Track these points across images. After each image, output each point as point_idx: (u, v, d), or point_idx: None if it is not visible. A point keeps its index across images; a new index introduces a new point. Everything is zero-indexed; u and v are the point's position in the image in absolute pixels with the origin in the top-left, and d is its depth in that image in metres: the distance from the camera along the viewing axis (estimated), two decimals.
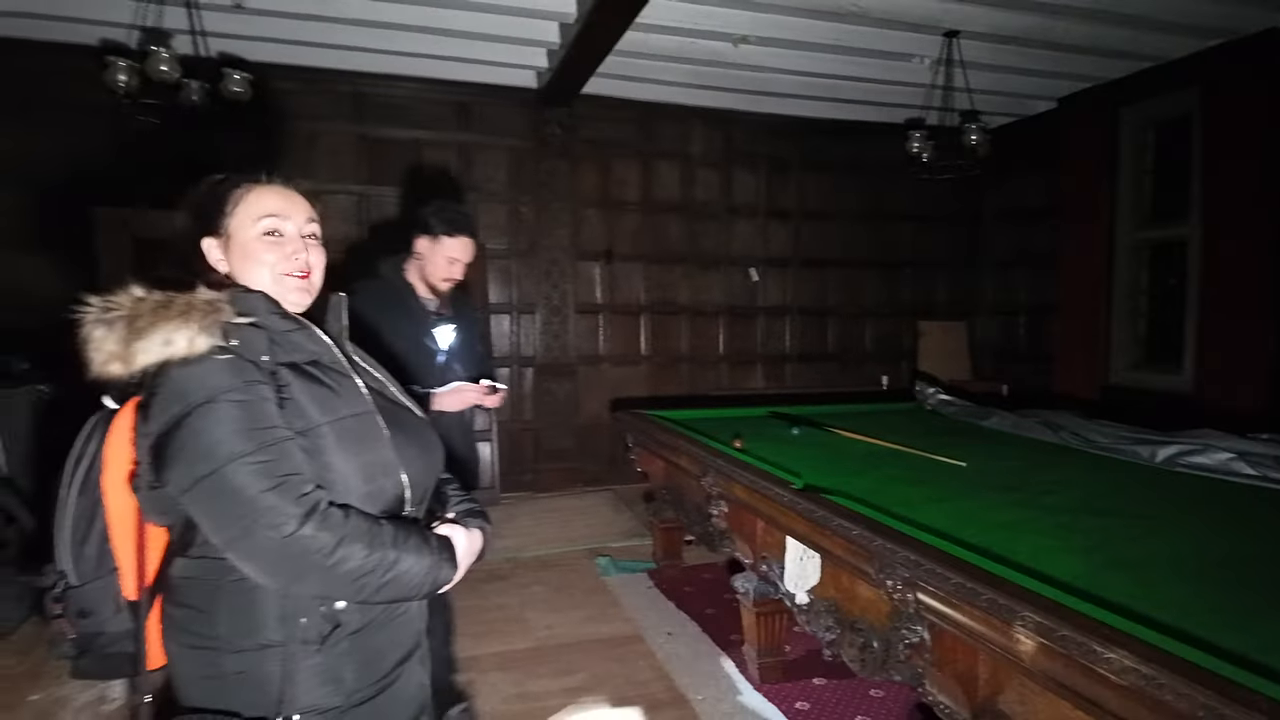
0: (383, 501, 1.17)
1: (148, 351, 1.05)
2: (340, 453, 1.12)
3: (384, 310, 2.21)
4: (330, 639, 1.11)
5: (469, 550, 1.24)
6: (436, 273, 2.39)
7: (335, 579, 1.06)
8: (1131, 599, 1.51)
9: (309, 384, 1.13)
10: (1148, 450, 2.90)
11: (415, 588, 1.14)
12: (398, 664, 1.22)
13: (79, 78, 3.86)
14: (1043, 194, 6.17)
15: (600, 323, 5.87)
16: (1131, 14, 4.36)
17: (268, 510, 1.01)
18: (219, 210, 1.20)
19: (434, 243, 2.35)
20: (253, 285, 1.19)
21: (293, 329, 1.16)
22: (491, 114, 5.48)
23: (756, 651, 2.83)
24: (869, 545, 1.82)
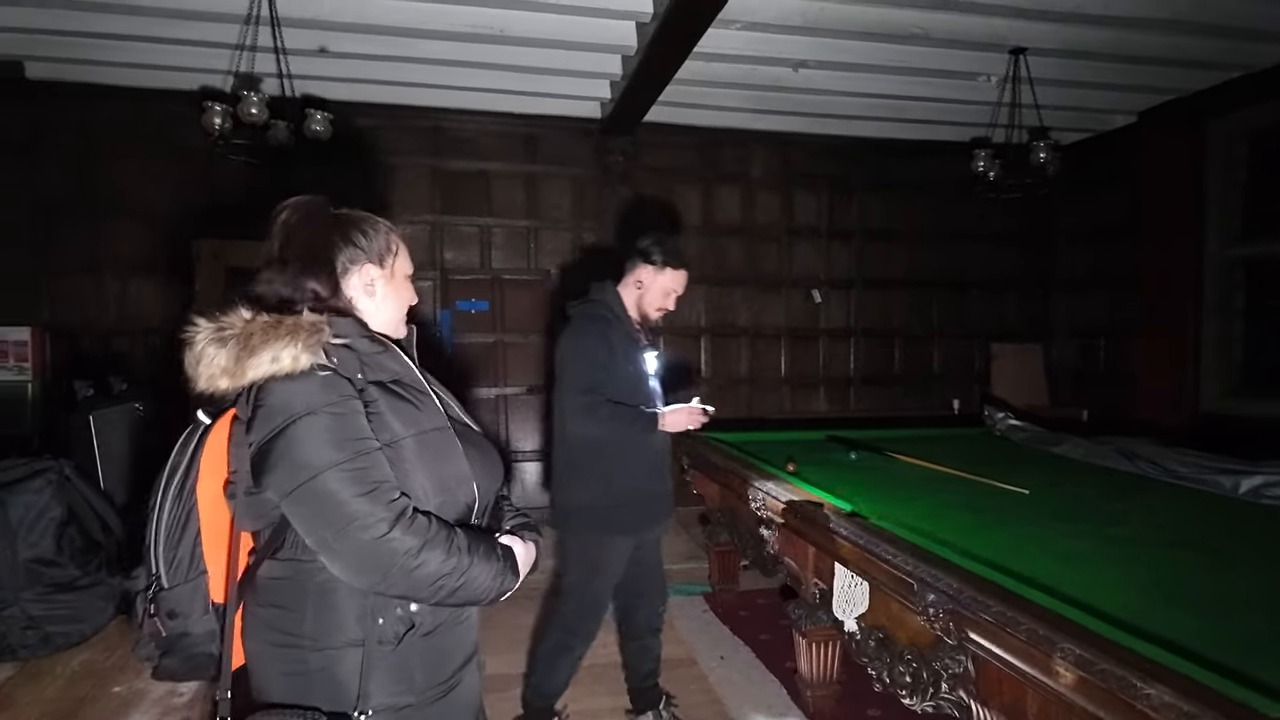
0: (454, 511, 1.26)
1: (257, 367, 1.14)
2: (419, 463, 1.21)
3: (610, 332, 2.37)
4: (405, 639, 1.20)
5: (526, 560, 1.32)
6: (654, 302, 2.44)
7: (417, 581, 1.14)
8: (1186, 635, 1.44)
9: (394, 400, 1.23)
10: (1230, 481, 2.74)
11: (484, 593, 1.21)
12: (460, 667, 1.30)
13: (183, 121, 4.22)
14: (1122, 211, 5.91)
15: (659, 345, 5.91)
16: (1213, 23, 4.18)
17: (360, 514, 1.11)
18: (387, 247, 1.34)
19: (657, 273, 2.40)
20: (385, 314, 1.33)
21: (379, 351, 1.27)
22: (557, 144, 5.66)
23: (809, 680, 2.79)
24: (912, 572, 1.80)
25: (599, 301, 2.43)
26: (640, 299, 2.44)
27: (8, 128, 4.79)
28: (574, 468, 2.43)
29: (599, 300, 2.43)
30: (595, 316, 2.39)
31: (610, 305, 2.42)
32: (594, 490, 2.39)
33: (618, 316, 2.42)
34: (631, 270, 2.43)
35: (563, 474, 2.47)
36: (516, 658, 3.23)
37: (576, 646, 2.51)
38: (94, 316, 4.96)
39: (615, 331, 2.38)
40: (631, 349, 2.43)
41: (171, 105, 4.73)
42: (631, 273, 2.43)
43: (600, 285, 2.48)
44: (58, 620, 3.19)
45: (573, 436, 2.38)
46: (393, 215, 5.35)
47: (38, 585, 3.16)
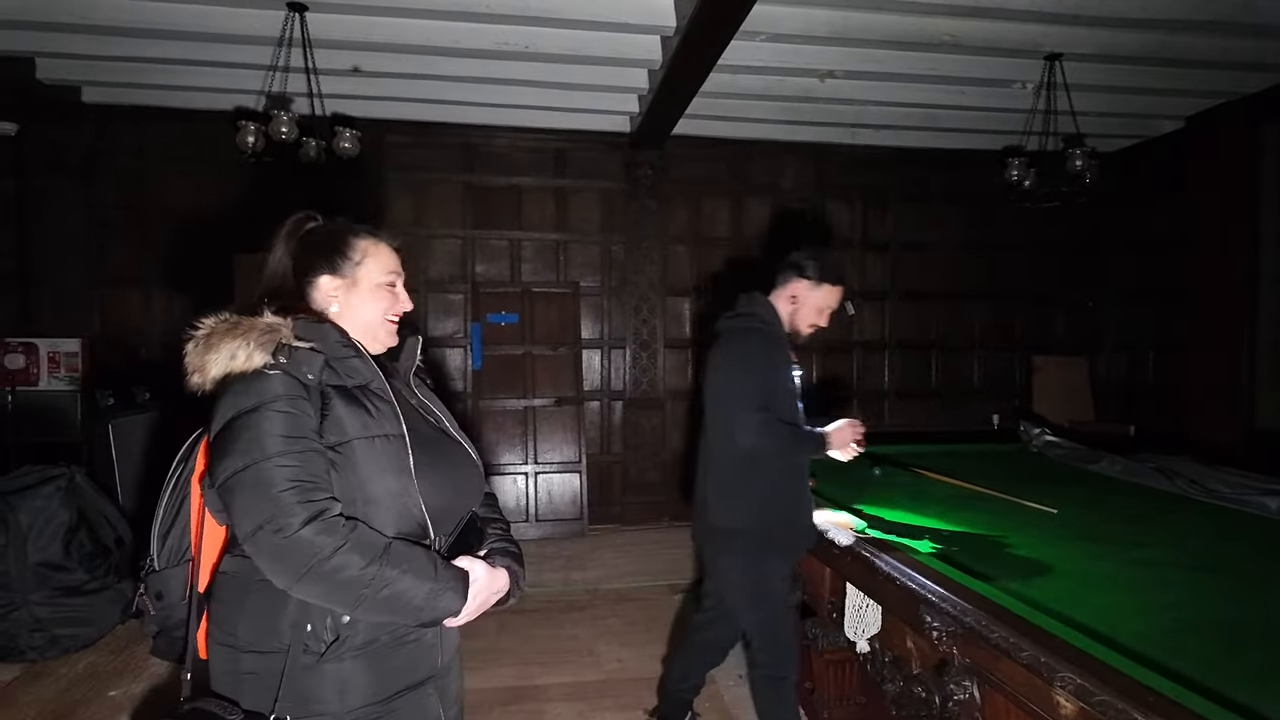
0: (407, 523, 1.25)
1: (216, 364, 1.21)
2: (369, 467, 1.22)
3: (772, 349, 2.27)
4: (333, 650, 1.19)
5: (487, 587, 1.28)
6: (807, 318, 2.33)
7: (333, 586, 1.14)
8: (1196, 665, 1.36)
9: (351, 405, 1.25)
10: (1276, 502, 2.59)
11: (415, 611, 1.19)
12: (406, 689, 1.27)
13: (224, 141, 4.35)
14: (1171, 220, 5.69)
15: (689, 357, 5.91)
16: (1262, 24, 4.00)
17: (278, 508, 1.12)
18: (344, 255, 1.35)
19: (813, 288, 2.29)
20: (360, 322, 1.35)
21: (350, 355, 1.30)
22: (586, 159, 5.71)
23: (826, 699, 2.72)
24: (918, 593, 1.74)
25: (754, 315, 2.31)
26: (794, 315, 2.32)
27: (66, 149, 5.04)
28: (726, 489, 2.29)
29: (755, 314, 2.31)
30: (753, 330, 2.27)
31: (766, 319, 2.30)
32: (748, 513, 2.25)
33: (775, 332, 2.30)
34: (785, 284, 2.32)
35: (713, 496, 2.31)
36: (564, 669, 3.27)
37: (789, 676, 2.35)
38: (140, 328, 5.17)
39: (776, 348, 2.28)
40: (786, 367, 2.32)
41: (214, 125, 4.91)
42: (785, 286, 2.32)
43: (750, 297, 2.35)
44: (65, 623, 3.28)
45: (729, 456, 2.25)
46: (426, 229, 5.53)
47: (45, 589, 3.25)
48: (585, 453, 5.58)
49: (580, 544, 5.22)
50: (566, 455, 5.51)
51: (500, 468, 5.43)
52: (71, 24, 3.99)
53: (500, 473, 5.43)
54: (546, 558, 4.90)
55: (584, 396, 5.66)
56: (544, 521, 5.40)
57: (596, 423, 5.78)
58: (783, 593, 2.39)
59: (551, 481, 5.47)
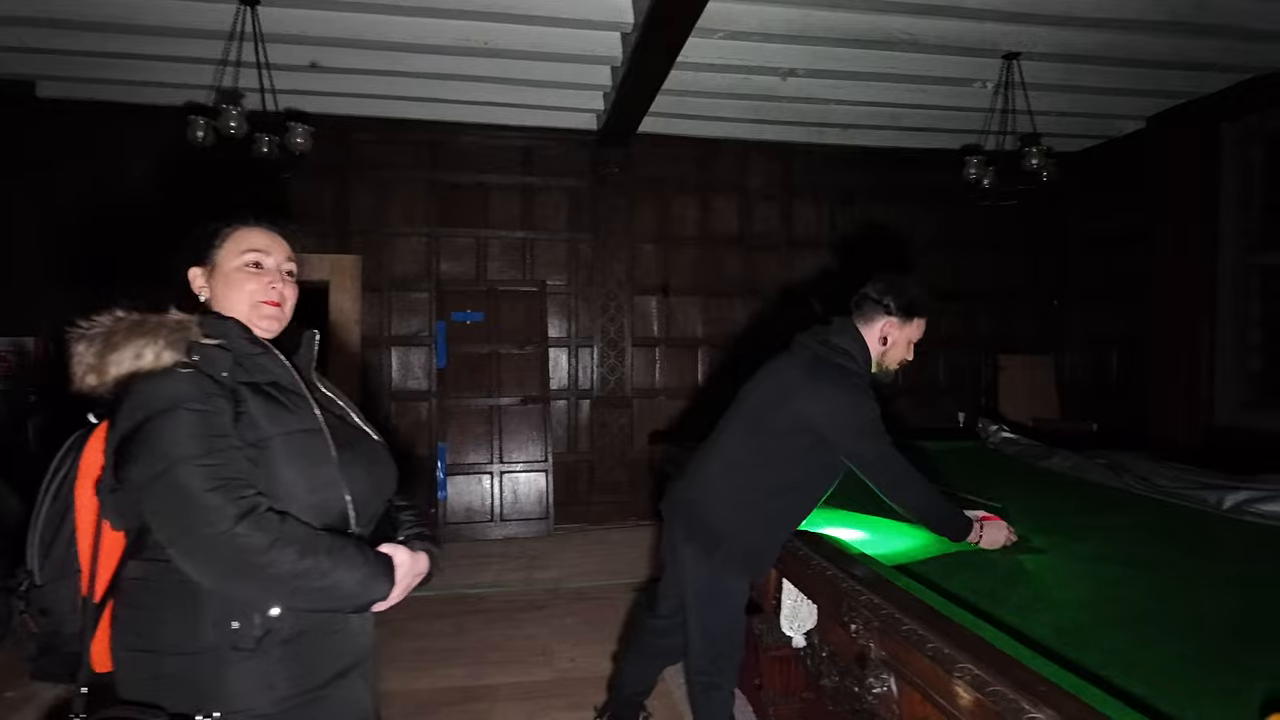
0: (329, 516, 1.25)
1: (120, 364, 1.17)
2: (289, 464, 1.21)
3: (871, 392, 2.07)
4: (263, 644, 1.17)
5: (410, 570, 1.30)
6: (897, 356, 2.17)
7: (268, 581, 1.13)
8: (1108, 658, 1.36)
9: (265, 401, 1.23)
10: (1215, 496, 2.61)
11: (348, 598, 1.20)
12: (335, 677, 1.26)
13: (178, 136, 4.29)
14: (1134, 218, 5.74)
15: (657, 355, 5.89)
16: (1215, 24, 4.05)
17: (207, 509, 1.11)
18: (208, 243, 1.34)
19: (903, 325, 2.13)
20: (230, 311, 1.31)
21: (258, 352, 1.28)
22: (553, 156, 5.69)
23: (773, 696, 2.71)
24: (840, 587, 1.74)
25: (851, 356, 2.09)
26: (884, 355, 2.15)
27: (19, 145, 4.94)
28: (745, 508, 2.14)
29: (850, 354, 2.09)
30: (856, 374, 2.07)
31: (860, 363, 2.10)
32: (758, 535, 2.15)
33: (866, 377, 2.11)
34: (872, 320, 2.12)
35: (729, 511, 2.16)
36: (516, 669, 3.23)
37: (725, 685, 2.29)
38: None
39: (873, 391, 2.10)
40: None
41: (170, 121, 4.85)
42: (873, 323, 2.12)
43: (842, 327, 2.13)
44: None
45: (761, 481, 2.12)
46: (390, 228, 5.47)
47: None
48: (552, 452, 5.55)
49: (545, 543, 5.19)
50: (533, 454, 5.48)
51: (466, 467, 5.39)
52: (26, 18, 3.92)
53: (466, 472, 5.39)
54: (510, 557, 4.87)
55: (551, 396, 5.63)
56: (509, 521, 5.37)
57: (564, 422, 5.75)
58: (743, 603, 2.36)
59: (517, 481, 5.44)
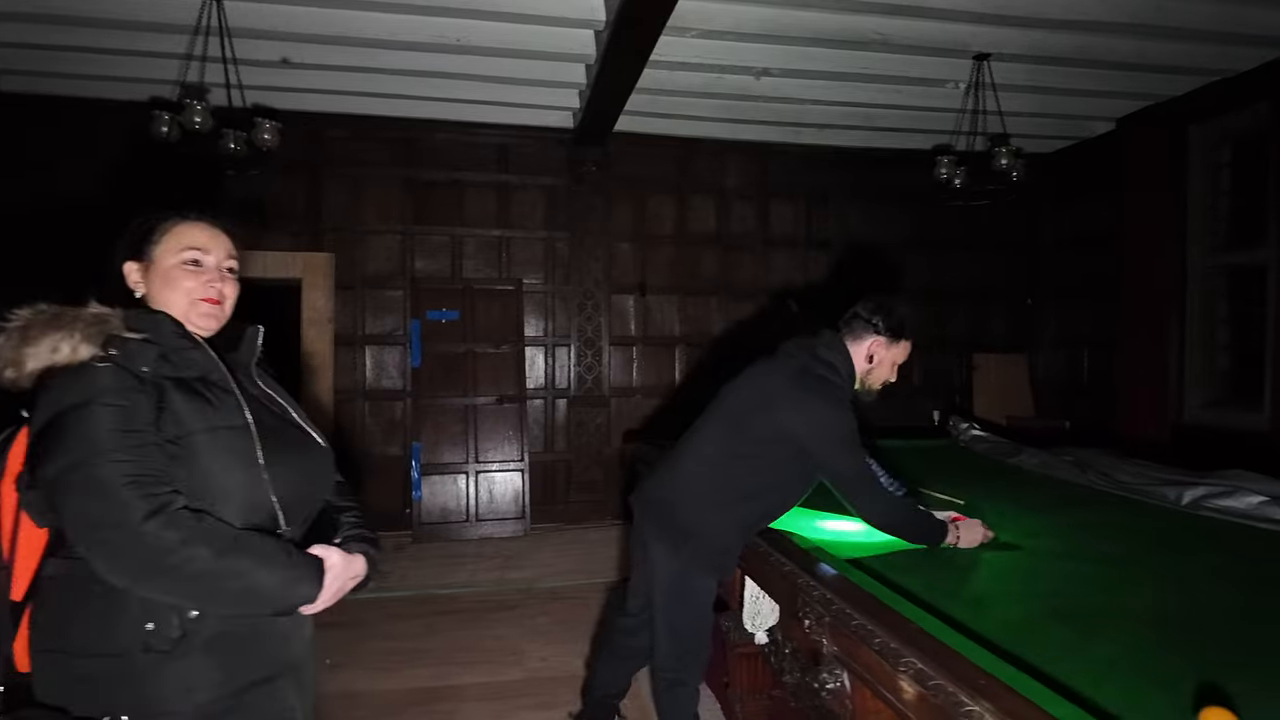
0: (257, 515, 1.23)
1: (36, 357, 1.15)
2: (213, 461, 1.19)
3: (851, 408, 2.09)
4: (180, 647, 1.15)
5: (343, 573, 1.28)
6: (881, 376, 2.19)
7: (181, 580, 1.10)
8: (1052, 651, 1.38)
9: (189, 397, 1.21)
10: (1174, 492, 2.64)
11: (270, 601, 1.18)
12: (260, 682, 1.24)
13: (143, 132, 4.24)
14: (1106, 219, 5.81)
15: (634, 355, 5.89)
16: (1177, 26, 4.10)
17: (116, 506, 1.08)
18: (146, 238, 1.32)
19: (890, 346, 2.16)
20: (168, 307, 1.29)
21: (187, 347, 1.25)
22: (529, 154, 5.67)
23: (740, 694, 2.71)
24: (794, 582, 1.74)
25: (835, 369, 2.11)
26: (869, 374, 2.17)
27: None
28: (718, 508, 2.15)
29: (835, 368, 2.11)
30: (839, 389, 2.09)
31: (844, 377, 2.11)
32: (728, 535, 2.15)
33: (848, 393, 2.13)
34: (860, 338, 2.15)
35: (702, 511, 2.16)
36: (485, 669, 3.21)
37: (689, 682, 2.30)
38: None
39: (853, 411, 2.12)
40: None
41: (135, 117, 4.78)
42: (860, 341, 2.14)
43: (832, 343, 2.15)
44: None
45: (738, 481, 2.13)
46: (364, 225, 5.43)
47: None
48: (528, 451, 5.53)
49: (520, 543, 5.17)
50: (508, 454, 5.46)
51: (441, 467, 5.36)
52: None
53: (441, 472, 5.36)
54: (485, 557, 4.85)
55: (527, 395, 5.61)
56: (485, 521, 5.34)
57: (540, 421, 5.73)
58: (710, 600, 2.37)
59: (493, 480, 5.41)
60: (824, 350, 2.13)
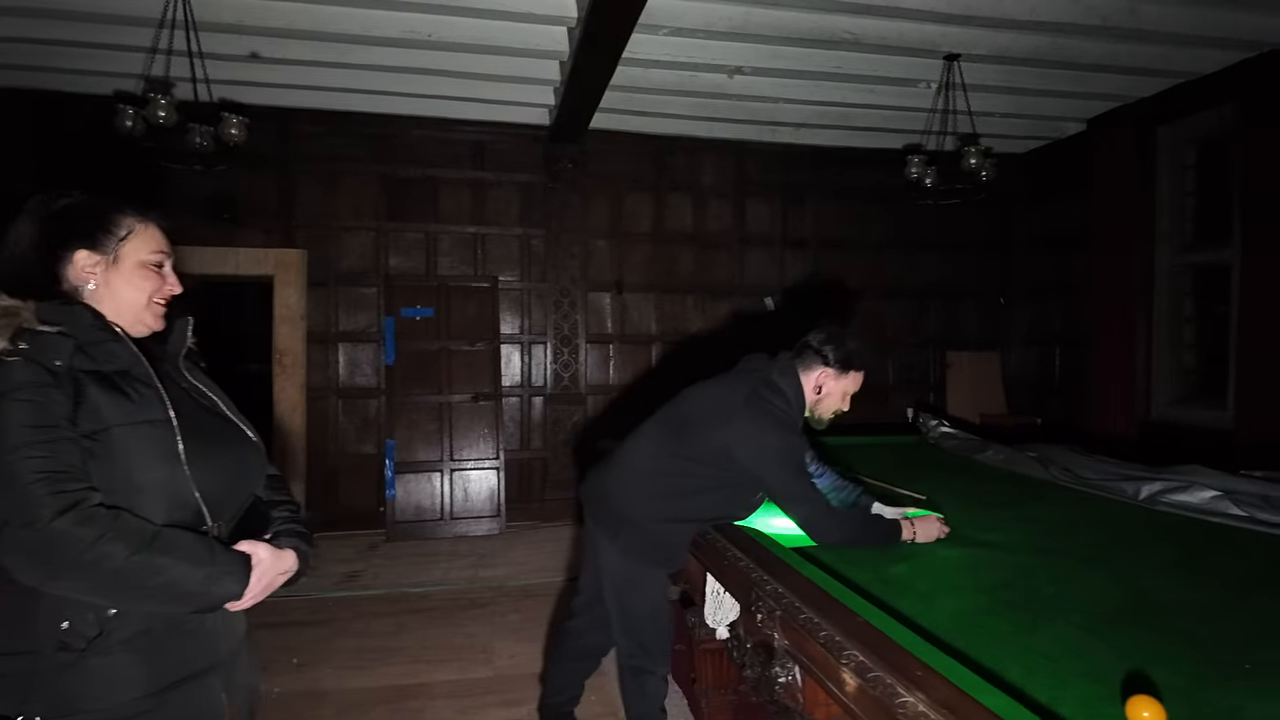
0: (180, 511, 1.20)
1: None
2: (132, 456, 1.17)
3: (799, 433, 2.13)
4: (97, 645, 1.13)
5: (272, 568, 1.26)
6: (831, 406, 2.21)
7: (95, 578, 1.09)
8: (993, 642, 1.40)
9: (108, 391, 1.18)
10: (1133, 487, 2.68)
11: (191, 597, 1.16)
12: (187, 679, 1.22)
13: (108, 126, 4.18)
14: (1077, 219, 5.89)
15: (611, 352, 5.89)
16: (1146, 29, 4.16)
17: (26, 502, 1.06)
18: (106, 230, 1.27)
19: (839, 377, 2.17)
20: (123, 304, 1.27)
21: (107, 339, 1.23)
22: (505, 151, 5.65)
23: (706, 689, 2.73)
24: (749, 576, 1.75)
25: (787, 398, 2.13)
26: (817, 404, 2.19)
27: None
28: (653, 499, 2.19)
29: (785, 395, 2.14)
30: (787, 414, 2.12)
31: (793, 404, 2.14)
32: (664, 526, 2.19)
33: (795, 420, 2.16)
34: (810, 368, 2.17)
35: (637, 501, 2.21)
36: (452, 667, 3.20)
37: (657, 670, 2.34)
38: None
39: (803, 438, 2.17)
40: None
41: (95, 110, 4.71)
42: (810, 371, 2.17)
43: (785, 369, 2.18)
44: None
45: (683, 484, 2.18)
46: (337, 221, 5.38)
47: None
48: (504, 449, 5.52)
49: (495, 541, 5.16)
50: (484, 452, 5.44)
51: (415, 465, 5.34)
52: None
53: (415, 470, 5.33)
54: (459, 555, 4.84)
55: (503, 392, 5.60)
56: (459, 519, 5.33)
57: (516, 419, 5.72)
58: (660, 590, 2.37)
59: (468, 479, 5.40)
60: (777, 375, 2.17)
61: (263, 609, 1.31)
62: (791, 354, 2.25)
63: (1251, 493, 2.37)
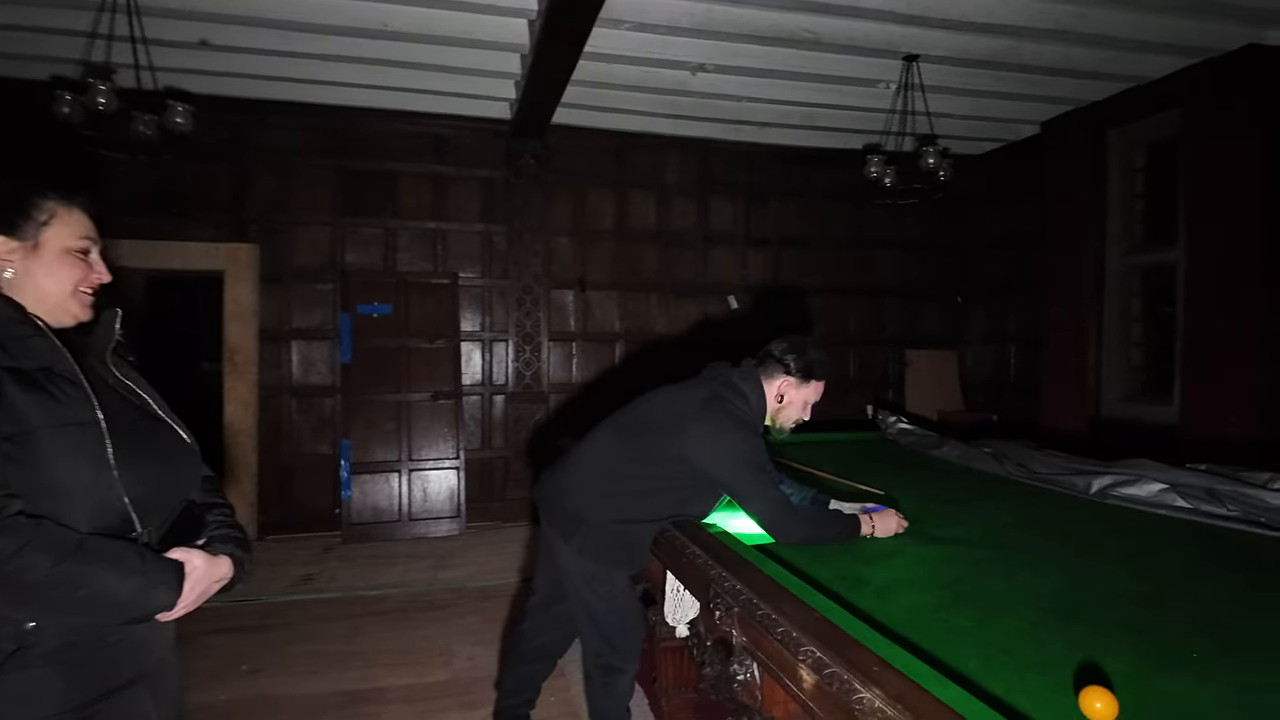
0: (107, 517, 1.14)
1: None
2: (57, 460, 1.10)
3: (757, 436, 2.11)
4: (15, 659, 1.07)
5: (206, 576, 1.22)
6: (792, 416, 2.22)
7: (16, 591, 1.03)
8: (949, 637, 1.40)
9: (30, 390, 1.11)
10: (1084, 481, 2.73)
11: (120, 609, 1.11)
12: (112, 692, 1.16)
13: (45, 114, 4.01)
14: (1032, 220, 6.02)
15: (574, 351, 5.85)
16: (1098, 34, 4.26)
17: None
18: (26, 215, 1.20)
19: (800, 386, 2.19)
20: (44, 292, 1.20)
21: (29, 334, 1.16)
22: (466, 145, 5.57)
23: (665, 688, 2.71)
24: (707, 573, 1.73)
25: (749, 401, 2.14)
26: (778, 412, 2.21)
27: None
28: (609, 498, 2.18)
29: (748, 400, 2.14)
30: (746, 418, 2.12)
31: (755, 410, 2.15)
32: (624, 529, 2.17)
33: (755, 426, 2.16)
34: (772, 377, 2.19)
35: (592, 500, 2.19)
36: (409, 671, 3.13)
37: (627, 669, 2.31)
38: None
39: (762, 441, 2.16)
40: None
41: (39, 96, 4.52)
42: (772, 380, 2.18)
43: (747, 374, 2.19)
44: None
45: (639, 488, 2.16)
46: (291, 216, 5.24)
47: None
48: (464, 449, 5.44)
49: (454, 542, 5.08)
50: (443, 451, 5.35)
51: (372, 465, 5.22)
52: None
53: (372, 471, 5.22)
54: (417, 557, 4.74)
55: (463, 391, 5.51)
56: (418, 520, 5.23)
57: (477, 418, 5.64)
58: (624, 588, 2.34)
59: (427, 479, 5.30)
60: (739, 379, 2.18)
61: (211, 615, 1.26)
62: (755, 361, 2.27)
63: (1196, 485, 2.43)
